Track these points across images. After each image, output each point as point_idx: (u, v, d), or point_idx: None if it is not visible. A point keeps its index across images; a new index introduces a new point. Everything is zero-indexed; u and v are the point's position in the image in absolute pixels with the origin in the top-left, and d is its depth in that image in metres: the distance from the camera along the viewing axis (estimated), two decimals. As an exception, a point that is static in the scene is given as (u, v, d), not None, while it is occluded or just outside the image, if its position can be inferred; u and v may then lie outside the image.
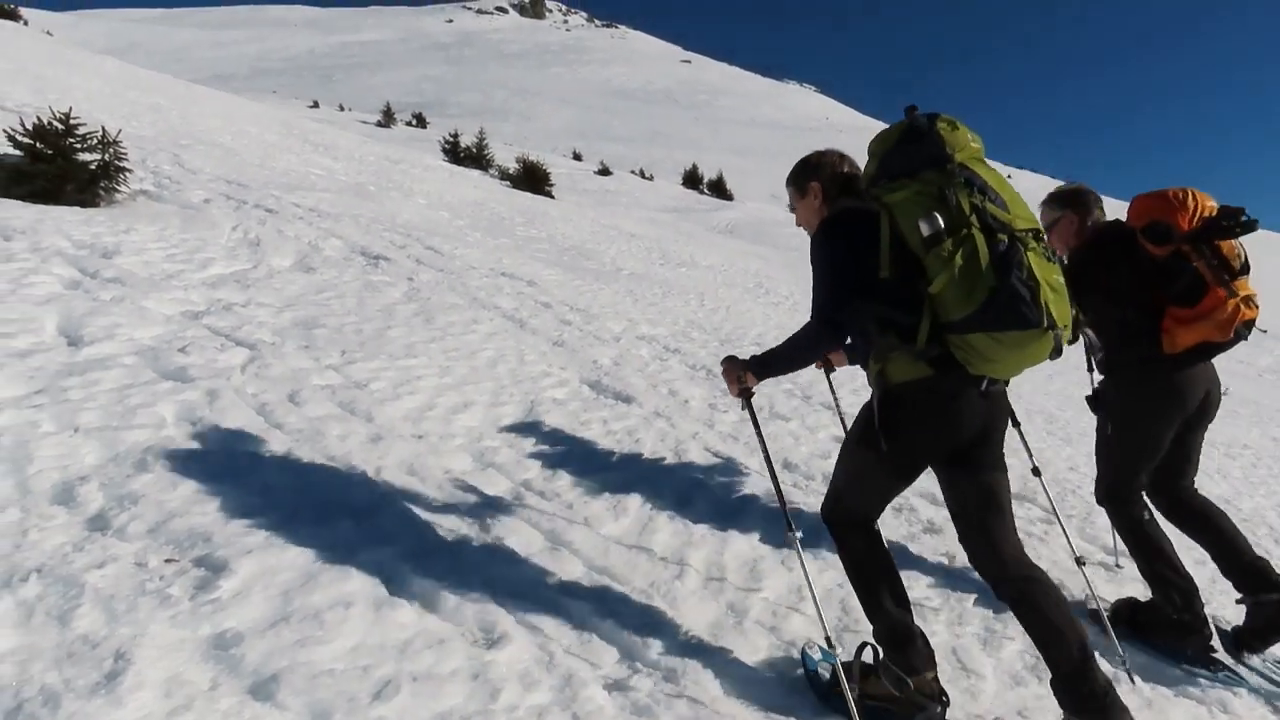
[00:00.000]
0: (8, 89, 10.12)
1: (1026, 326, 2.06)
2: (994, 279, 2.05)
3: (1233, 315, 2.86)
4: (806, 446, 4.64)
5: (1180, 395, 3.04)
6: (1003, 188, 2.19)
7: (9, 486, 2.51)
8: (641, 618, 2.57)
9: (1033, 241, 2.13)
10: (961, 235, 2.09)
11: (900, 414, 2.24)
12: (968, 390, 2.21)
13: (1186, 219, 2.89)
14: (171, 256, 5.30)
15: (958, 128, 2.23)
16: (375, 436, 3.40)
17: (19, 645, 1.90)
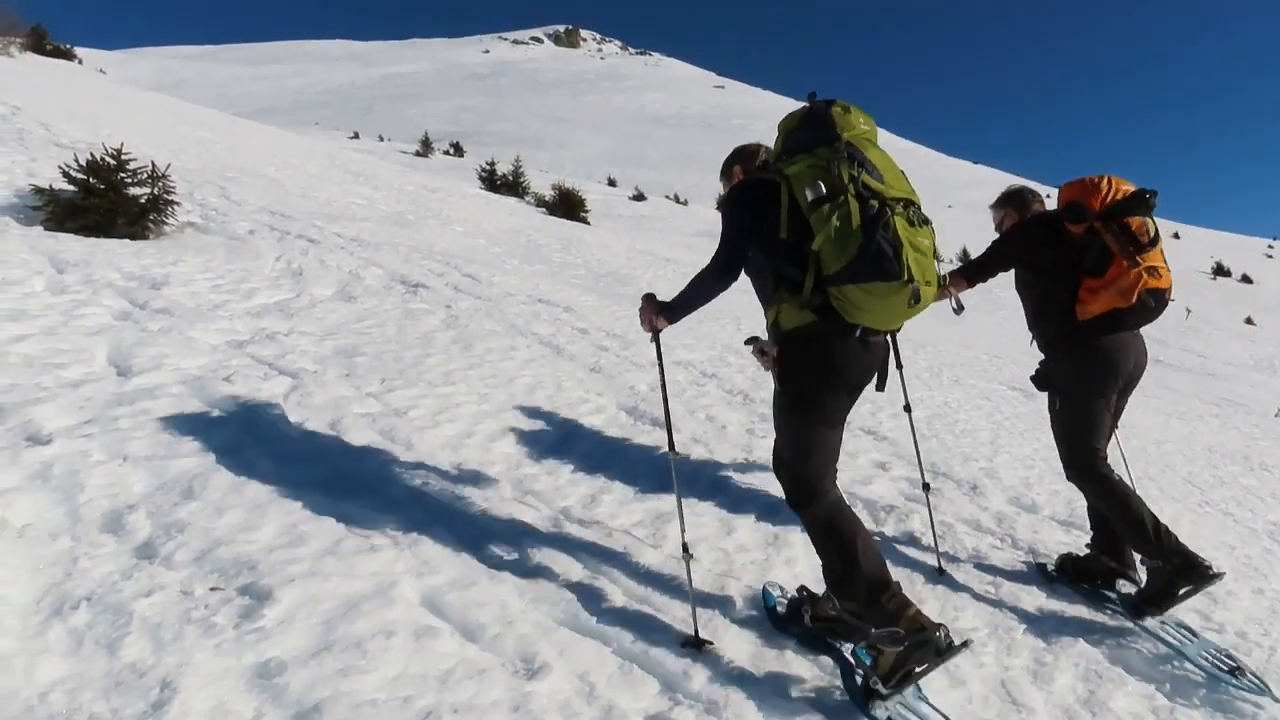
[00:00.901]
0: (64, 126, 10.45)
1: (888, 278, 2.36)
2: (863, 237, 2.36)
3: (1134, 282, 3.20)
4: (847, 472, 4.58)
5: (1113, 363, 3.35)
6: (885, 164, 2.51)
7: (60, 515, 2.57)
8: (681, 648, 2.54)
9: (900, 209, 2.43)
10: (839, 201, 2.40)
11: (792, 357, 2.58)
12: (847, 337, 2.51)
13: (1099, 200, 3.29)
14: (217, 287, 5.41)
15: (849, 111, 2.56)
16: (415, 464, 3.42)
17: (69, 673, 1.92)
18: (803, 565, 3.31)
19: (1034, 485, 4.99)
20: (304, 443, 3.39)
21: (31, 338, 3.81)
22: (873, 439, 5.34)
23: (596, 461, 3.94)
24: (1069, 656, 2.98)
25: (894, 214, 2.40)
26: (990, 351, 11.43)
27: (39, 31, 27.08)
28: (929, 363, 9.48)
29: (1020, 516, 4.37)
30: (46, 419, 3.10)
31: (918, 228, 2.45)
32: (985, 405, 7.40)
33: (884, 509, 4.10)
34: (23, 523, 2.47)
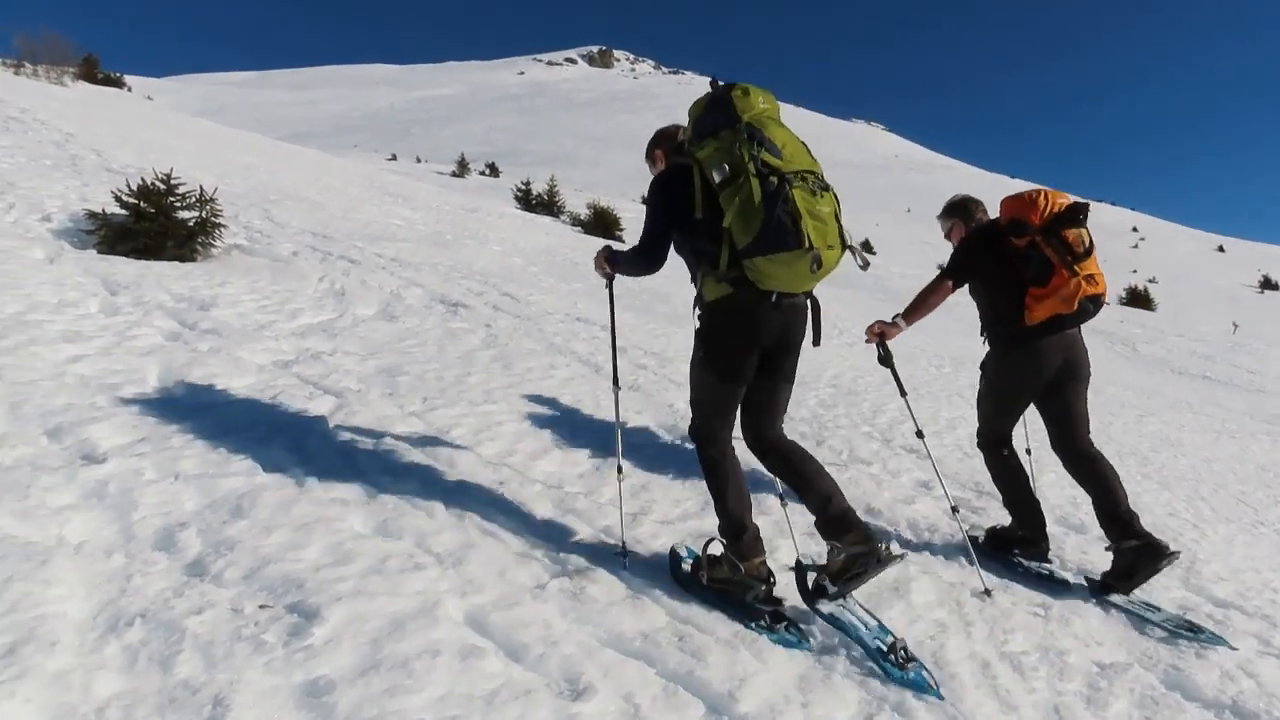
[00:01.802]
0: (115, 152, 10.74)
1: (790, 248, 2.58)
2: (764, 213, 2.57)
3: (1075, 290, 3.52)
4: (889, 491, 4.52)
5: (1037, 363, 3.69)
6: (785, 139, 2.70)
7: (114, 532, 2.62)
8: (728, 669, 2.51)
9: (799, 180, 2.62)
10: (740, 181, 2.61)
11: (714, 325, 2.84)
12: (762, 303, 2.76)
13: (1038, 214, 3.58)
14: (263, 308, 5.51)
15: (749, 94, 2.74)
16: (458, 483, 3.44)
17: (124, 690, 1.95)
18: (847, 586, 3.26)
19: (1081, 505, 4.89)
20: (349, 462, 3.42)
21: (87, 358, 3.91)
22: (915, 458, 5.27)
23: (637, 480, 3.93)
24: (1124, 681, 2.91)
25: (793, 187, 2.60)
26: (1032, 368, 11.25)
27: (91, 61, 27.93)
28: (970, 381, 9.35)
29: (1069, 537, 4.28)
30: (102, 438, 3.17)
31: (817, 196, 2.64)
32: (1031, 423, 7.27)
33: (927, 529, 4.04)
34: (79, 540, 2.52)
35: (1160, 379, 14.13)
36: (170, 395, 3.74)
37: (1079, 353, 3.79)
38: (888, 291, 20.51)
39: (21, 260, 5.26)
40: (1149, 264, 54.40)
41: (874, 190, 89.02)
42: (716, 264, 2.74)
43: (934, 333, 14.37)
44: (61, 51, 24.48)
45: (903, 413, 6.53)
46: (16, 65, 23.24)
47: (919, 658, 2.78)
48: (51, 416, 3.27)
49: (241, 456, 3.24)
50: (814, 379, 7.18)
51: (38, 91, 17.89)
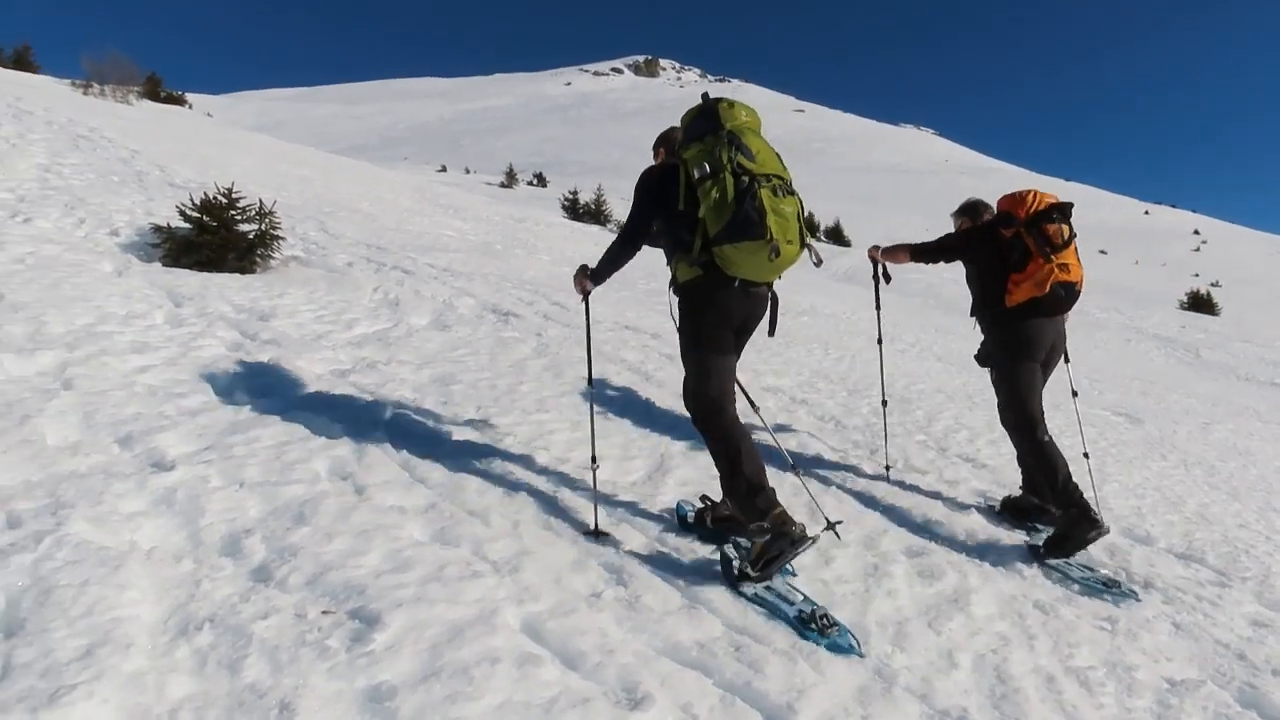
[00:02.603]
0: (177, 167, 11.07)
1: (753, 238, 2.95)
2: (735, 206, 2.96)
3: (1047, 275, 3.98)
4: (946, 501, 4.44)
5: (1032, 342, 4.12)
6: (759, 147, 3.09)
7: (183, 538, 2.68)
8: (785, 680, 2.48)
9: (765, 182, 3.00)
10: (718, 178, 3.00)
11: (687, 304, 3.21)
12: (726, 287, 3.11)
13: (1024, 210, 4.07)
14: (320, 318, 5.63)
15: (733, 107, 3.16)
16: (512, 491, 3.46)
17: (195, 692, 2.00)
18: (905, 598, 3.22)
19: (1147, 516, 4.76)
20: (405, 470, 3.47)
21: (154, 368, 4.02)
22: (971, 466, 5.18)
23: (691, 489, 3.92)
24: (1196, 699, 2.82)
25: (761, 187, 2.98)
26: (1090, 375, 10.98)
27: (154, 80, 28.87)
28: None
29: (1134, 549, 4.17)
30: (169, 446, 3.26)
31: (782, 198, 3.02)
32: (1089, 431, 7.09)
33: (986, 539, 3.96)
34: (150, 545, 2.59)
35: (1226, 385, 13.69)
36: (233, 404, 3.83)
37: (1060, 343, 4.28)
38: (940, 298, 20.22)
39: (92, 273, 5.45)
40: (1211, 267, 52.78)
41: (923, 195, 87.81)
42: (690, 250, 3.12)
43: (988, 339, 14.10)
44: (127, 72, 25.34)
45: (958, 421, 6.42)
46: (85, 86, 24.10)
47: (842, 623, 2.90)
48: (122, 425, 3.37)
49: (302, 464, 3.30)
50: (866, 387, 7.10)
51: (105, 111, 18.53)
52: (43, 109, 13.41)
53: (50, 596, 2.21)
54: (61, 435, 3.21)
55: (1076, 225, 4.13)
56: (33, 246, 5.71)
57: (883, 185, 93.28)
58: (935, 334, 13.33)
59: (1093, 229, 67.91)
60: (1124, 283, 41.65)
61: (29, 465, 2.91)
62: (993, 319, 4.25)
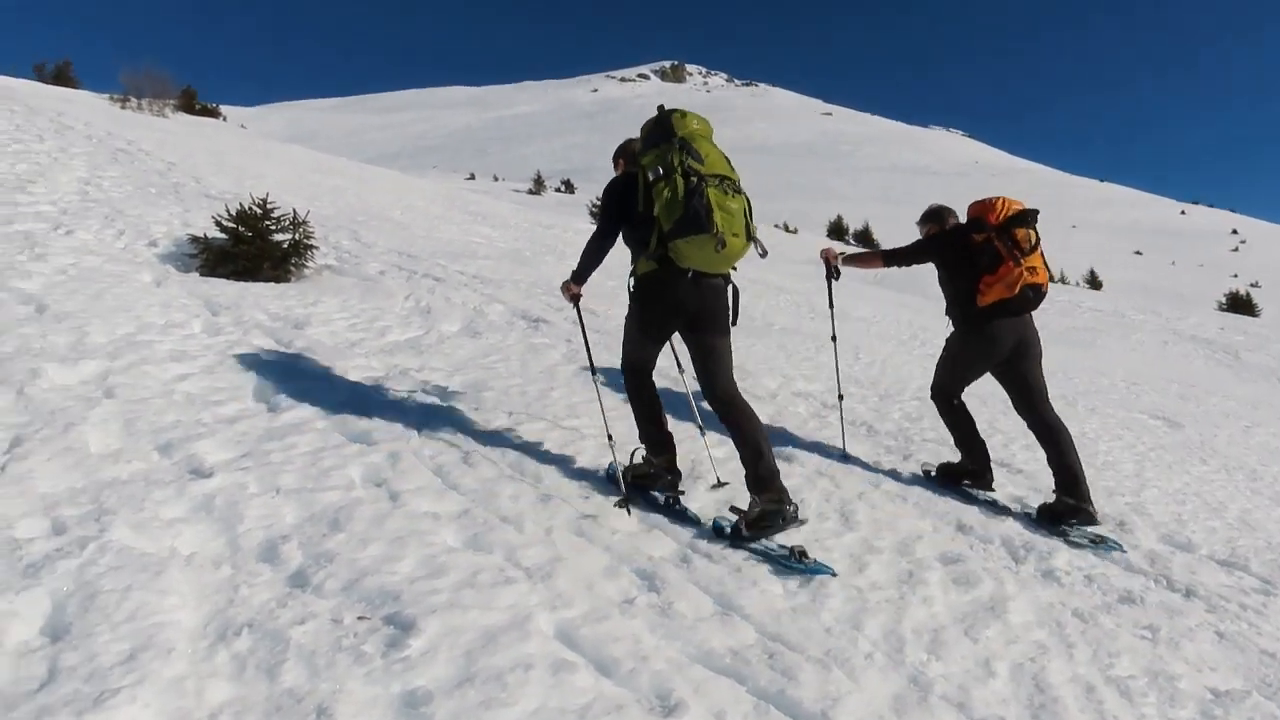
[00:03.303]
0: (212, 179, 11.26)
1: (700, 232, 3.27)
2: (684, 205, 3.28)
3: (1017, 278, 4.25)
4: (980, 506, 4.39)
5: (992, 343, 4.42)
6: (709, 151, 3.42)
7: (222, 544, 2.73)
8: (819, 688, 2.47)
9: (715, 182, 3.34)
10: (670, 179, 3.32)
11: (642, 295, 3.59)
12: (681, 278, 3.44)
13: (994, 215, 4.34)
14: (353, 326, 5.69)
15: (685, 116, 3.49)
16: (544, 497, 3.48)
17: (234, 697, 2.03)
18: (940, 605, 3.18)
19: (1188, 522, 4.67)
20: (438, 476, 3.49)
21: (193, 376, 4.09)
22: (1006, 471, 5.12)
23: (722, 494, 3.91)
24: (1241, 710, 2.76)
25: (709, 186, 3.31)
26: (1127, 379, 10.80)
27: (189, 93, 29.35)
28: (1061, 390, 9.03)
29: (1175, 556, 4.09)
30: (208, 453, 3.31)
31: (729, 195, 3.36)
32: (1126, 435, 6.99)
33: (1023, 546, 3.90)
34: (190, 551, 2.63)
35: (1268, 388, 13.39)
36: (269, 412, 3.89)
37: (1030, 335, 4.48)
38: (971, 300, 19.98)
39: (132, 284, 5.55)
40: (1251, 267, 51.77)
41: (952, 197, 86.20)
42: (647, 246, 3.46)
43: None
44: (163, 86, 25.78)
45: (992, 426, 6.35)
46: (123, 100, 24.57)
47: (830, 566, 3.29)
48: (162, 433, 3.43)
49: (338, 471, 3.34)
50: (897, 392, 7.04)
51: (142, 124, 18.89)
52: (83, 123, 13.70)
53: (94, 601, 2.25)
54: (104, 442, 3.27)
55: (1111, 226, 4.21)
56: (75, 258, 5.83)
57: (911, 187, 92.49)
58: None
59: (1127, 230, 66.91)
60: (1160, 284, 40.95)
61: (73, 472, 2.97)
62: (963, 317, 4.53)
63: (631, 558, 3.10)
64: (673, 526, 3.46)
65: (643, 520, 3.48)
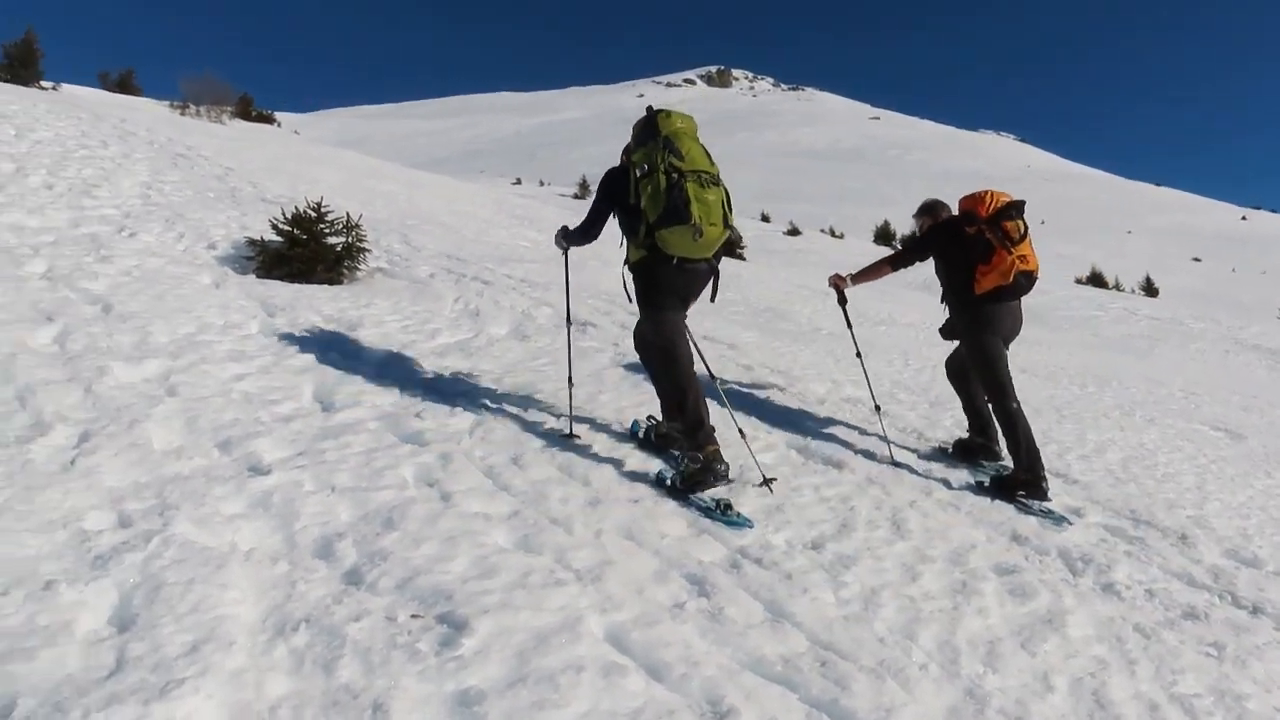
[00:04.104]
0: (268, 183, 11.50)
1: (680, 223, 3.64)
2: (666, 198, 3.64)
3: (1010, 266, 4.58)
4: (1035, 516, 4.30)
5: (997, 322, 4.75)
6: (691, 148, 3.76)
7: (279, 541, 2.77)
8: (873, 699, 2.43)
9: (693, 177, 3.68)
10: (653, 176, 3.69)
11: (638, 278, 3.98)
12: (666, 264, 3.82)
13: (985, 209, 4.66)
14: (405, 328, 5.77)
15: (670, 117, 3.85)
16: (594, 500, 3.48)
17: (293, 691, 2.06)
18: (996, 617, 3.12)
19: (1253, 537, 4.53)
20: (489, 477, 3.52)
21: (250, 376, 4.18)
22: (1062, 482, 5.01)
23: (771, 500, 3.88)
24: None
25: (688, 181, 3.66)
26: (1185, 389, 10.50)
27: (246, 100, 30.07)
28: (1116, 400, 8.83)
29: (1240, 571, 3.96)
30: (265, 451, 3.38)
31: (707, 188, 3.70)
32: (1186, 447, 6.79)
33: (1081, 559, 3.81)
34: (249, 547, 2.68)
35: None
36: (324, 411, 3.95)
37: (1019, 322, 4.95)
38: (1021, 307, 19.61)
39: (192, 285, 5.69)
40: (1319, 274, 50.02)
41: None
42: (638, 235, 3.83)
43: (1073, 349, 13.67)
44: (220, 93, 26.50)
45: (1046, 435, 6.22)
46: (182, 107, 25.28)
47: (750, 519, 3.59)
48: (221, 430, 3.51)
49: (391, 470, 3.38)
50: (949, 398, 6.91)
51: (200, 130, 19.38)
52: (145, 129, 14.09)
53: (159, 594, 2.31)
54: (166, 439, 3.35)
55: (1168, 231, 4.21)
56: (138, 260, 6.00)
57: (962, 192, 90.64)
58: (1018, 345, 12.89)
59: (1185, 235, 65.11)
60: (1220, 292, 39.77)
61: (138, 468, 3.05)
62: (961, 305, 4.86)
63: (681, 562, 3.09)
64: (721, 532, 3.44)
65: (692, 525, 3.47)
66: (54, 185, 7.81)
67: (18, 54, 20.24)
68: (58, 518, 2.62)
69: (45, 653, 2.01)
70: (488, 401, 4.50)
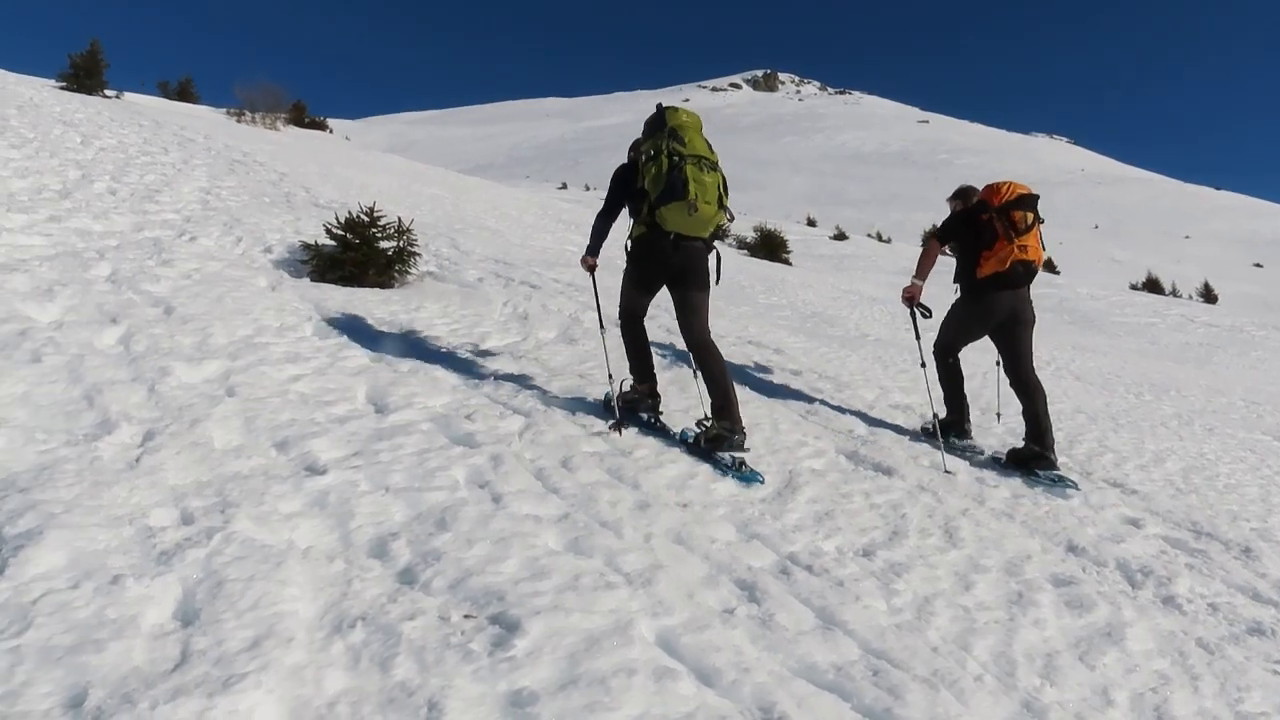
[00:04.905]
0: (321, 188, 11.74)
1: (678, 199, 4.04)
2: (666, 179, 4.06)
3: (1008, 254, 4.93)
4: (1094, 528, 4.20)
5: (988, 309, 5.16)
6: (693, 138, 4.18)
7: (335, 539, 2.82)
8: (927, 710, 2.40)
9: (693, 161, 4.09)
10: (657, 159, 4.11)
11: (635, 253, 4.42)
12: (663, 241, 4.23)
13: (998, 198, 5.02)
14: (454, 331, 5.84)
15: (676, 112, 4.27)
16: (643, 503, 3.48)
17: (350, 687, 2.09)
18: (1053, 629, 3.06)
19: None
20: (540, 479, 3.55)
21: (305, 377, 4.26)
22: (1119, 492, 4.90)
23: (820, 507, 3.85)
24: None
25: (687, 163, 4.07)
26: (1247, 398, 10.19)
27: (299, 107, 30.68)
28: (1175, 410, 8.60)
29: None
30: (321, 451, 3.43)
31: (704, 171, 4.11)
32: (1249, 458, 6.59)
33: (1140, 571, 3.71)
34: (306, 545, 2.73)
35: None
36: (378, 412, 4.01)
37: (1024, 305, 5.16)
38: (1074, 313, 19.23)
39: (249, 288, 5.82)
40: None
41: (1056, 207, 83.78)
42: (641, 214, 4.25)
43: (1129, 356, 13.35)
44: (275, 100, 27.06)
45: (1102, 444, 6.08)
46: (238, 114, 25.90)
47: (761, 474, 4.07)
48: (279, 430, 3.58)
49: (443, 472, 3.42)
50: (1001, 406, 6.81)
51: (255, 136, 19.85)
52: (203, 136, 14.48)
53: (221, 589, 2.36)
54: (226, 439, 3.43)
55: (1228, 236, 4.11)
56: (198, 263, 6.16)
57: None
58: (1072, 351, 12.68)
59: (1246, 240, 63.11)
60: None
61: (200, 466, 3.12)
62: (966, 286, 5.27)
63: (730, 567, 3.07)
64: (771, 538, 3.42)
65: (741, 530, 3.45)
66: (117, 191, 8.06)
67: (84, 64, 20.90)
68: (124, 514, 2.70)
69: (114, 645, 2.06)
70: (537, 404, 4.53)
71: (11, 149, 8.72)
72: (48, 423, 3.24)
